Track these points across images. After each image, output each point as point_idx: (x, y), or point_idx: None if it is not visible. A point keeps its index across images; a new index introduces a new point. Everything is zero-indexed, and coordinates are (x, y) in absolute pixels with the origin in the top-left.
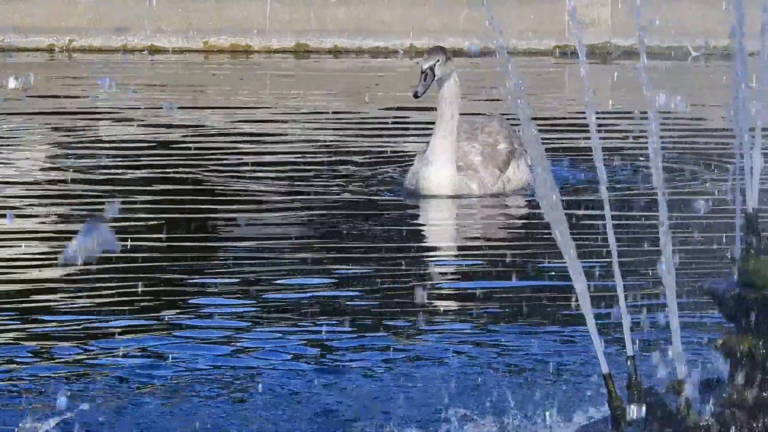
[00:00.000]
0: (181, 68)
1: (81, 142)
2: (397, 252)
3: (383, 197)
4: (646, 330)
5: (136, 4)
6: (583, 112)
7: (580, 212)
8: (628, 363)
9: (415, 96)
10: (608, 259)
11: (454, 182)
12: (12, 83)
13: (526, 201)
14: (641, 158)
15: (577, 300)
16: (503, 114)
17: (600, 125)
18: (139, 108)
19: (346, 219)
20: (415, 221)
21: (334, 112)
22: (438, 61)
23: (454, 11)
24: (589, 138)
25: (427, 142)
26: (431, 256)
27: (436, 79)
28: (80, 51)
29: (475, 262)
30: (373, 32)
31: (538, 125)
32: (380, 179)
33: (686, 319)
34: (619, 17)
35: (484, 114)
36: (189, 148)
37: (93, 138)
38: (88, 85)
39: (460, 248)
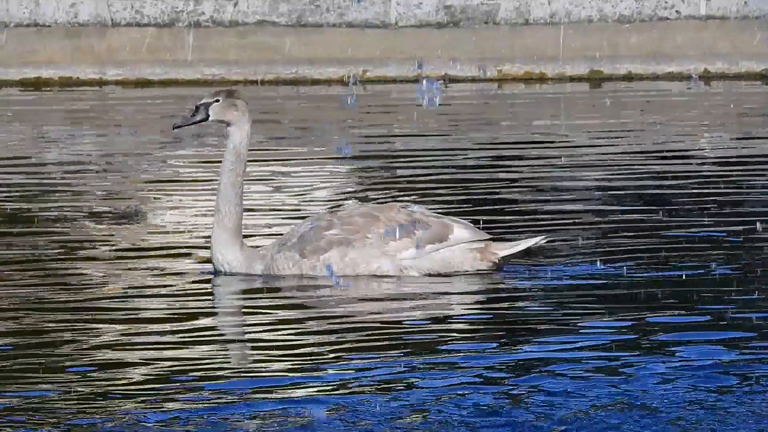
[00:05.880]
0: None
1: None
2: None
3: None
4: None
5: (429, 34)
6: None
7: None
8: None
9: (173, 127)
10: None
11: (238, 262)
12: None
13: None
14: None
15: None
16: None
17: None
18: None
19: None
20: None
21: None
22: (217, 100)
23: (748, 35)
24: None
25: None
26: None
27: (211, 120)
28: (374, 82)
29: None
30: (667, 57)
31: None
32: None
33: None
34: None
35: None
36: None
37: None
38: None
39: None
